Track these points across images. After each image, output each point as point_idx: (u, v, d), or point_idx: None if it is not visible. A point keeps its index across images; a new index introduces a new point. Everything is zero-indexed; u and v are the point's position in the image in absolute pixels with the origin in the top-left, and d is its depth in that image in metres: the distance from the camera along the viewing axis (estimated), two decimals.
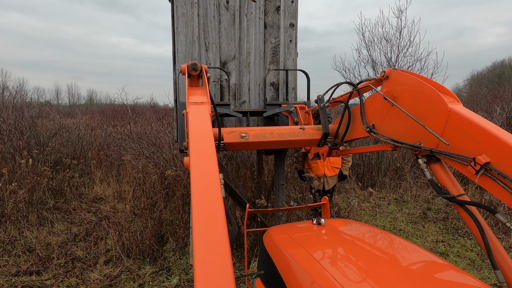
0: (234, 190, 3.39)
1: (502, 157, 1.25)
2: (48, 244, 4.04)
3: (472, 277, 1.34)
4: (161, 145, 6.50)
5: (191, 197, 1.10)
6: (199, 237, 0.94)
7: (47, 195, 5.57)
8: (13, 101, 10.19)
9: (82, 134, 8.70)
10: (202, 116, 1.66)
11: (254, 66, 3.56)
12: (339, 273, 1.35)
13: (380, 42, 8.05)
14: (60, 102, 40.86)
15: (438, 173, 1.59)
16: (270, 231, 1.96)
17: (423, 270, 1.41)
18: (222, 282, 0.81)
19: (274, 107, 3.50)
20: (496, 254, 1.34)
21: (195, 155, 1.31)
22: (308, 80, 3.55)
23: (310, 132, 2.32)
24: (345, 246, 1.68)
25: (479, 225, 1.37)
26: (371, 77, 1.99)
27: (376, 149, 2.24)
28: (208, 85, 2.10)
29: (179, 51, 3.32)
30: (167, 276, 3.46)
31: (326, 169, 4.46)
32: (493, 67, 27.77)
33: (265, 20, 3.53)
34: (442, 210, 5.62)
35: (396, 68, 1.87)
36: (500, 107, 8.71)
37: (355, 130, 2.18)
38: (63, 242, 4.11)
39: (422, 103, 1.61)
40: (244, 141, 2.12)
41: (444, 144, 1.48)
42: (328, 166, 4.43)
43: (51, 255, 3.75)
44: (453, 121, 1.45)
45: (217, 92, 3.47)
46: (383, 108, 1.88)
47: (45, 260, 3.66)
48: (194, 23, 3.32)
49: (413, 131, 1.66)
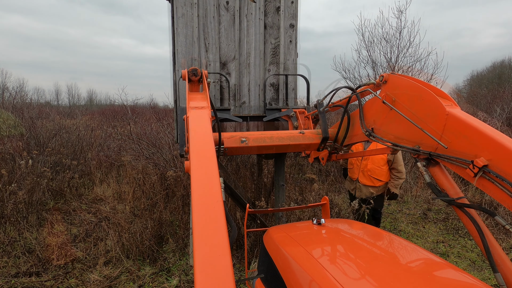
0: (234, 190, 3.38)
1: (500, 159, 1.27)
2: (48, 245, 4.03)
3: (472, 277, 1.34)
4: (161, 146, 6.49)
5: (192, 201, 1.11)
6: (199, 240, 0.95)
7: (47, 196, 5.56)
8: (13, 101, 10.19)
9: (82, 135, 8.70)
10: (202, 121, 1.68)
11: (254, 66, 3.56)
12: (339, 273, 1.35)
13: (380, 43, 8.05)
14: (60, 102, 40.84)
15: (437, 176, 1.60)
16: (270, 231, 1.97)
17: (422, 269, 1.42)
18: (222, 281, 0.82)
19: (274, 111, 3.51)
20: (496, 256, 1.35)
21: (196, 160, 1.33)
22: (308, 84, 3.55)
23: (309, 137, 2.34)
24: (345, 246, 1.68)
25: (478, 227, 1.38)
26: (370, 81, 2.02)
27: (375, 152, 2.27)
28: (208, 90, 2.12)
29: (178, 51, 3.32)
30: (167, 277, 3.45)
31: (361, 173, 3.82)
32: (493, 67, 27.76)
33: (265, 20, 3.52)
34: (442, 210, 5.62)
35: (394, 72, 1.89)
36: (500, 108, 8.71)
37: (355, 134, 2.20)
38: (63, 243, 4.10)
39: (420, 107, 1.63)
40: (244, 146, 2.15)
41: (442, 147, 1.50)
42: (363, 171, 3.78)
43: (51, 256, 3.74)
44: (451, 125, 1.47)
45: (217, 93, 3.46)
46: (382, 112, 1.90)
47: (44, 261, 3.65)
48: (194, 23, 3.32)
49: (412, 134, 1.68)
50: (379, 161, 3.73)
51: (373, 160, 3.73)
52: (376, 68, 8.11)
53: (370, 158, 3.73)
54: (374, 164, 3.74)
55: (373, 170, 3.73)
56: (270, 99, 3.64)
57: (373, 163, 3.74)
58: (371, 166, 3.74)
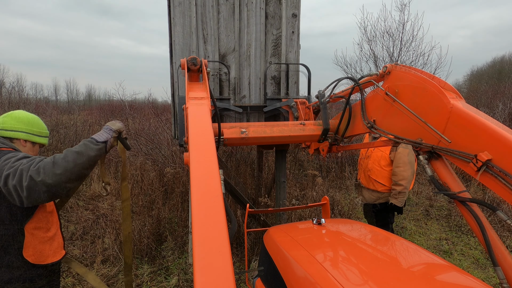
0: (234, 188, 3.30)
1: (504, 154, 1.24)
2: None
3: (476, 278, 1.35)
4: (160, 142, 6.40)
5: (191, 194, 1.08)
6: (198, 236, 0.93)
7: None
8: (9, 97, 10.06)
9: (79, 130, 8.60)
10: (201, 112, 1.65)
11: (254, 59, 3.42)
12: (340, 273, 1.35)
13: (383, 37, 7.94)
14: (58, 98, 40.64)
15: (439, 170, 1.59)
16: (270, 231, 1.98)
17: (424, 270, 1.42)
18: (222, 282, 0.80)
19: (274, 101, 3.41)
20: (497, 251, 1.35)
21: (195, 152, 1.31)
22: (309, 74, 3.45)
23: (310, 128, 2.32)
24: (345, 246, 1.70)
25: (479, 222, 1.37)
26: (373, 73, 2.00)
27: (376, 145, 2.23)
28: (208, 80, 2.08)
29: (176, 43, 3.19)
30: (165, 276, 3.38)
31: (362, 174, 3.39)
32: (493, 63, 27.67)
33: (266, 10, 3.37)
34: (444, 207, 5.56)
35: (398, 63, 1.86)
36: (502, 103, 8.63)
37: (356, 126, 2.18)
38: None
39: (424, 99, 1.61)
40: (244, 137, 2.12)
41: (445, 141, 1.48)
42: (365, 170, 3.37)
43: None
44: (455, 118, 1.45)
45: (216, 86, 3.35)
46: (385, 104, 1.88)
47: None
48: (191, 13, 3.17)
49: (415, 127, 1.66)
50: (379, 160, 3.21)
51: (373, 158, 3.27)
52: (378, 63, 8.01)
53: (372, 156, 3.32)
54: (374, 163, 3.25)
55: (373, 170, 3.24)
56: (271, 93, 3.53)
57: (373, 161, 3.26)
58: (371, 165, 3.27)
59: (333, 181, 6.69)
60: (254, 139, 2.17)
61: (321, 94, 2.41)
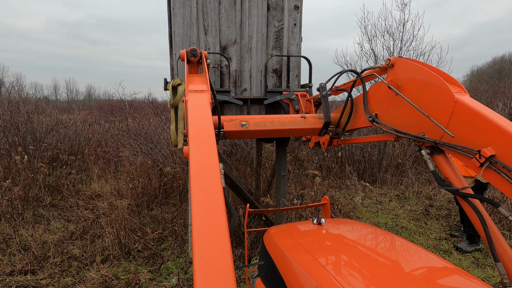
0: (235, 182, 3.26)
1: (508, 150, 1.22)
2: (44, 243, 3.95)
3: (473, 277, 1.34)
4: (160, 141, 6.39)
5: (190, 188, 1.07)
6: (198, 232, 0.91)
7: (43, 192, 5.47)
8: (8, 96, 10.04)
9: (79, 129, 8.58)
10: (201, 105, 1.63)
11: (256, 51, 3.35)
12: (340, 273, 1.34)
13: (383, 36, 7.92)
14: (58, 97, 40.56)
15: (441, 165, 1.57)
16: (270, 231, 1.97)
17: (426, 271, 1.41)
18: (222, 280, 0.79)
19: (275, 94, 3.35)
20: (498, 246, 1.34)
21: (195, 145, 1.30)
22: (310, 66, 3.42)
23: (311, 121, 2.29)
24: (344, 246, 1.69)
25: (481, 217, 1.36)
26: (376, 65, 1.96)
27: (378, 139, 2.21)
28: (208, 72, 2.05)
29: (176, 34, 3.12)
30: (165, 276, 3.38)
31: None
32: (493, 62, 27.64)
33: (268, 1, 3.30)
34: (444, 206, 5.55)
35: (402, 56, 1.82)
36: (502, 103, 8.63)
37: (358, 120, 2.15)
38: (59, 240, 4.02)
39: (428, 93, 1.57)
40: (245, 130, 2.10)
41: (448, 136, 1.45)
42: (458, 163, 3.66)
43: (47, 254, 3.66)
44: (459, 112, 1.42)
45: (217, 79, 3.28)
46: (387, 98, 1.84)
47: (40, 259, 3.57)
48: (192, 3, 3.10)
49: (417, 121, 1.63)
50: None
51: None
52: (379, 62, 7.99)
53: None
54: None
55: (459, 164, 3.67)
56: (273, 86, 3.47)
57: None
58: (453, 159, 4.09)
59: (333, 180, 6.69)
60: (255, 132, 2.15)
61: (323, 87, 2.37)
